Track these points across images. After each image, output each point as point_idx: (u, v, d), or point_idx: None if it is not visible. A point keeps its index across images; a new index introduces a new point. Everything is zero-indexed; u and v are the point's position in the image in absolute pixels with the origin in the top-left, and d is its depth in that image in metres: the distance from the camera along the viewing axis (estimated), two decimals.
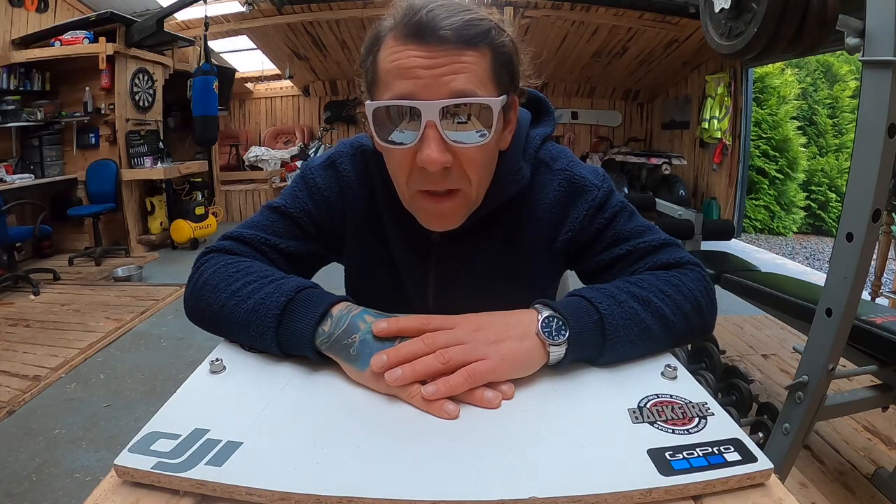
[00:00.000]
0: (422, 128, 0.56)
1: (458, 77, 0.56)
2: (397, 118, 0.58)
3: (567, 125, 7.25)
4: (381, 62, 0.59)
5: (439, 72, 0.56)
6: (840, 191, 6.78)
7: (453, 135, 0.57)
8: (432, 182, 0.60)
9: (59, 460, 1.90)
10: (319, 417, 0.49)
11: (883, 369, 1.53)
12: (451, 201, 0.62)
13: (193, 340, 2.88)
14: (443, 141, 0.57)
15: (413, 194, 0.63)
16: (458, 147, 0.58)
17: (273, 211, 0.74)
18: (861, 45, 1.14)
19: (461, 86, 0.56)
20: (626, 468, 0.42)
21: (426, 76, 0.56)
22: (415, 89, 0.56)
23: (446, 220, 0.65)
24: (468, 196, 0.63)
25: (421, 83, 0.56)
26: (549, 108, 0.77)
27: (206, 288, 0.64)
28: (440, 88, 0.56)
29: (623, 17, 5.42)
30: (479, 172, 0.62)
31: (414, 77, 0.56)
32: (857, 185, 1.19)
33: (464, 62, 0.56)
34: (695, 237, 2.60)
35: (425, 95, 0.56)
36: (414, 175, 0.61)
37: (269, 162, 6.91)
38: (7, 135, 4.52)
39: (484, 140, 0.58)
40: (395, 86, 0.57)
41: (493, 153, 0.65)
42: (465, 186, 0.62)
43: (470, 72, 0.57)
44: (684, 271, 0.67)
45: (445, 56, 0.56)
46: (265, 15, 5.64)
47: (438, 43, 0.55)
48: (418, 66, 0.56)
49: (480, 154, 0.60)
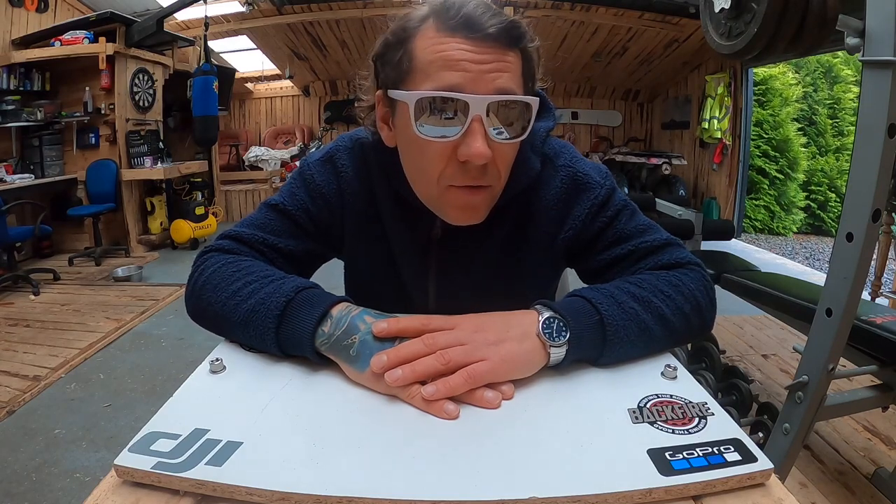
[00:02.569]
0: (468, 121, 0.56)
1: (503, 75, 0.57)
2: (442, 109, 0.57)
3: (567, 125, 7.25)
4: (419, 52, 0.58)
5: (487, 67, 0.56)
6: (840, 191, 6.77)
7: (494, 131, 0.58)
8: (471, 177, 0.60)
9: (59, 460, 1.90)
10: (319, 417, 0.49)
11: (883, 369, 1.53)
12: (481, 195, 0.63)
13: (193, 340, 2.88)
14: (487, 136, 0.57)
15: (443, 189, 0.62)
16: (497, 143, 0.58)
17: (271, 209, 0.74)
18: (861, 45, 1.14)
19: (505, 83, 0.57)
20: (626, 468, 0.42)
21: (474, 70, 0.56)
22: (462, 82, 0.56)
23: (475, 213, 0.64)
24: (495, 191, 0.64)
25: (469, 76, 0.56)
26: (548, 104, 0.77)
27: (206, 287, 0.64)
28: (487, 84, 0.56)
29: (623, 17, 5.43)
30: (507, 168, 0.63)
31: (462, 69, 0.56)
32: (857, 185, 1.19)
33: (507, 61, 0.57)
34: (695, 237, 2.60)
35: (472, 89, 0.56)
36: (450, 169, 0.60)
37: (269, 162, 6.90)
38: (7, 135, 4.52)
39: (520, 137, 0.60)
40: (440, 77, 0.56)
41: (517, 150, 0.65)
42: (495, 182, 0.63)
43: (511, 71, 0.58)
44: (685, 271, 0.67)
45: (492, 53, 0.56)
46: (265, 15, 5.64)
47: (486, 39, 0.56)
48: (466, 59, 0.56)
49: (512, 151, 0.62)
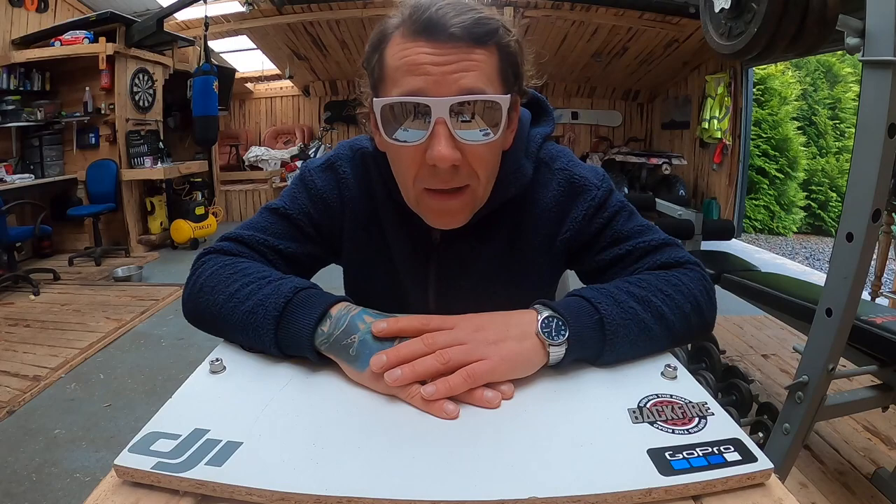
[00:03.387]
0: (431, 125, 0.56)
1: (467, 74, 0.56)
2: (406, 115, 0.57)
3: (567, 125, 7.25)
4: (388, 59, 0.59)
5: (449, 69, 0.56)
6: (840, 191, 6.78)
7: (462, 132, 0.57)
8: (441, 180, 0.60)
9: (59, 460, 1.90)
10: (319, 417, 0.49)
11: (883, 369, 1.53)
12: (458, 199, 0.62)
13: (193, 340, 2.88)
14: (452, 138, 0.57)
15: (419, 193, 0.62)
16: (467, 144, 0.58)
17: (272, 212, 0.74)
18: (861, 45, 1.14)
19: (470, 83, 0.56)
20: (626, 468, 0.42)
21: (436, 73, 0.56)
22: (424, 86, 0.56)
23: (453, 218, 0.64)
24: (476, 193, 0.63)
25: (431, 80, 0.56)
26: (548, 108, 0.77)
27: (204, 289, 0.64)
28: (450, 85, 0.56)
29: (623, 17, 5.42)
30: (488, 170, 0.62)
31: (424, 73, 0.56)
32: (857, 185, 1.19)
33: (473, 60, 0.57)
34: (695, 237, 2.60)
35: (435, 92, 0.56)
36: (422, 173, 0.60)
37: (269, 162, 6.91)
38: (7, 135, 4.52)
39: (492, 138, 0.59)
40: (404, 82, 0.57)
41: (499, 152, 0.65)
42: (473, 183, 0.62)
43: (479, 70, 0.57)
44: (684, 271, 0.67)
45: (455, 53, 0.56)
46: (265, 15, 5.64)
47: (448, 40, 0.55)
48: (428, 62, 0.56)
49: (488, 151, 0.61)
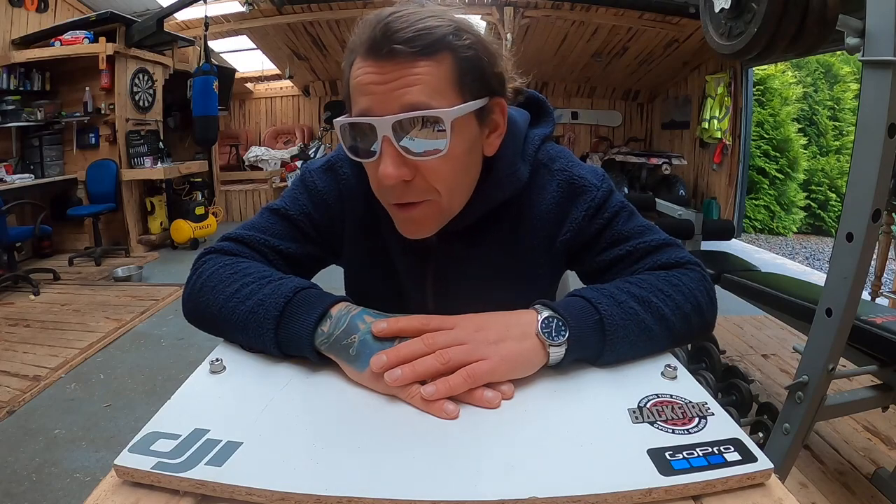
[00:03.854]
0: (379, 143, 0.57)
1: (410, 90, 0.55)
2: (361, 134, 0.58)
3: (567, 125, 7.25)
4: (351, 80, 0.60)
5: (391, 86, 0.55)
6: (840, 191, 6.78)
7: (413, 147, 0.56)
8: (395, 195, 0.60)
9: (59, 460, 1.90)
10: (319, 417, 0.49)
11: (883, 369, 1.53)
12: (419, 210, 0.62)
13: (193, 340, 2.88)
14: (399, 155, 0.57)
15: (388, 205, 0.64)
16: (419, 160, 0.57)
17: (273, 213, 0.74)
18: (861, 45, 1.14)
19: (413, 98, 0.55)
20: (626, 468, 0.42)
21: (379, 91, 0.56)
22: (371, 105, 0.56)
23: (419, 228, 0.64)
24: (439, 206, 0.62)
25: (375, 98, 0.56)
26: (548, 109, 0.76)
27: (204, 289, 0.64)
28: (392, 103, 0.56)
29: (623, 17, 5.42)
30: (447, 183, 0.61)
31: (369, 93, 0.56)
32: (857, 185, 1.19)
33: (416, 73, 0.55)
34: (695, 237, 2.60)
35: (379, 111, 0.56)
36: (381, 188, 0.61)
37: (269, 162, 6.91)
38: (7, 135, 4.53)
39: (441, 152, 0.57)
40: (357, 102, 0.58)
41: (464, 162, 0.62)
42: (433, 197, 0.61)
43: (423, 83, 0.55)
44: (684, 271, 0.67)
45: (396, 70, 0.55)
46: (265, 15, 5.64)
47: (389, 57, 0.55)
48: (372, 81, 0.56)
49: (444, 165, 0.59)
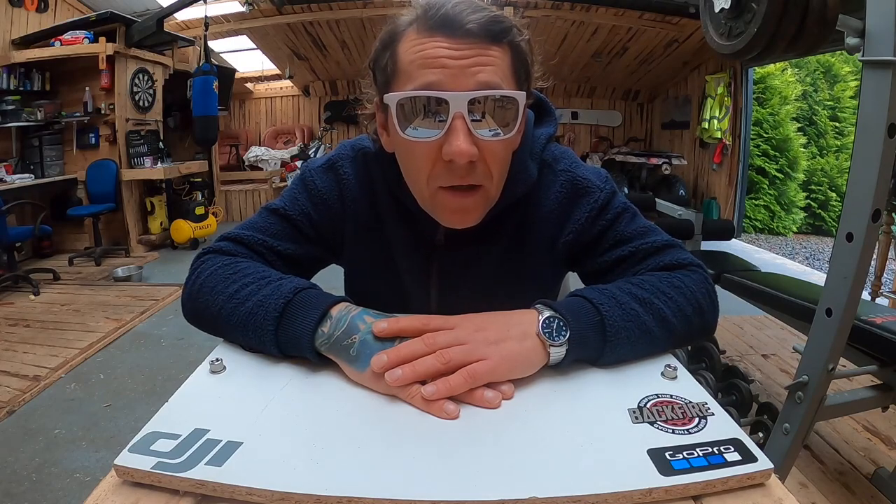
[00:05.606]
0: (449, 119, 0.55)
1: (485, 69, 0.56)
2: (420, 111, 0.57)
3: (567, 125, 7.25)
4: (402, 54, 0.58)
5: (467, 62, 0.55)
6: (840, 191, 6.77)
7: (479, 128, 0.57)
8: (458, 176, 0.59)
9: (59, 460, 1.90)
10: (319, 417, 0.49)
11: (883, 369, 1.53)
12: (473, 197, 0.61)
13: (193, 340, 2.88)
14: (470, 133, 0.56)
15: (434, 191, 0.61)
16: (484, 141, 0.57)
17: (272, 213, 0.74)
18: (861, 45, 1.14)
19: (488, 78, 0.56)
20: (626, 468, 0.42)
21: (454, 66, 0.55)
22: (442, 79, 0.55)
23: (468, 217, 0.63)
24: (489, 192, 0.62)
25: (448, 73, 0.55)
26: (550, 109, 0.76)
27: (203, 290, 0.64)
28: (467, 80, 0.55)
29: (623, 17, 5.42)
30: (501, 168, 0.62)
31: (441, 66, 0.55)
32: (857, 185, 1.19)
33: (490, 55, 0.57)
34: (695, 237, 2.60)
35: (452, 86, 0.55)
36: (437, 170, 0.59)
37: (269, 162, 6.91)
38: (7, 135, 4.52)
39: (509, 134, 0.58)
40: (420, 76, 0.56)
41: (511, 151, 0.64)
42: (486, 182, 0.61)
43: (496, 65, 0.57)
44: (686, 272, 0.67)
45: (472, 48, 0.56)
46: (265, 15, 5.64)
47: (465, 35, 0.55)
48: (445, 55, 0.55)
49: (503, 149, 0.60)
